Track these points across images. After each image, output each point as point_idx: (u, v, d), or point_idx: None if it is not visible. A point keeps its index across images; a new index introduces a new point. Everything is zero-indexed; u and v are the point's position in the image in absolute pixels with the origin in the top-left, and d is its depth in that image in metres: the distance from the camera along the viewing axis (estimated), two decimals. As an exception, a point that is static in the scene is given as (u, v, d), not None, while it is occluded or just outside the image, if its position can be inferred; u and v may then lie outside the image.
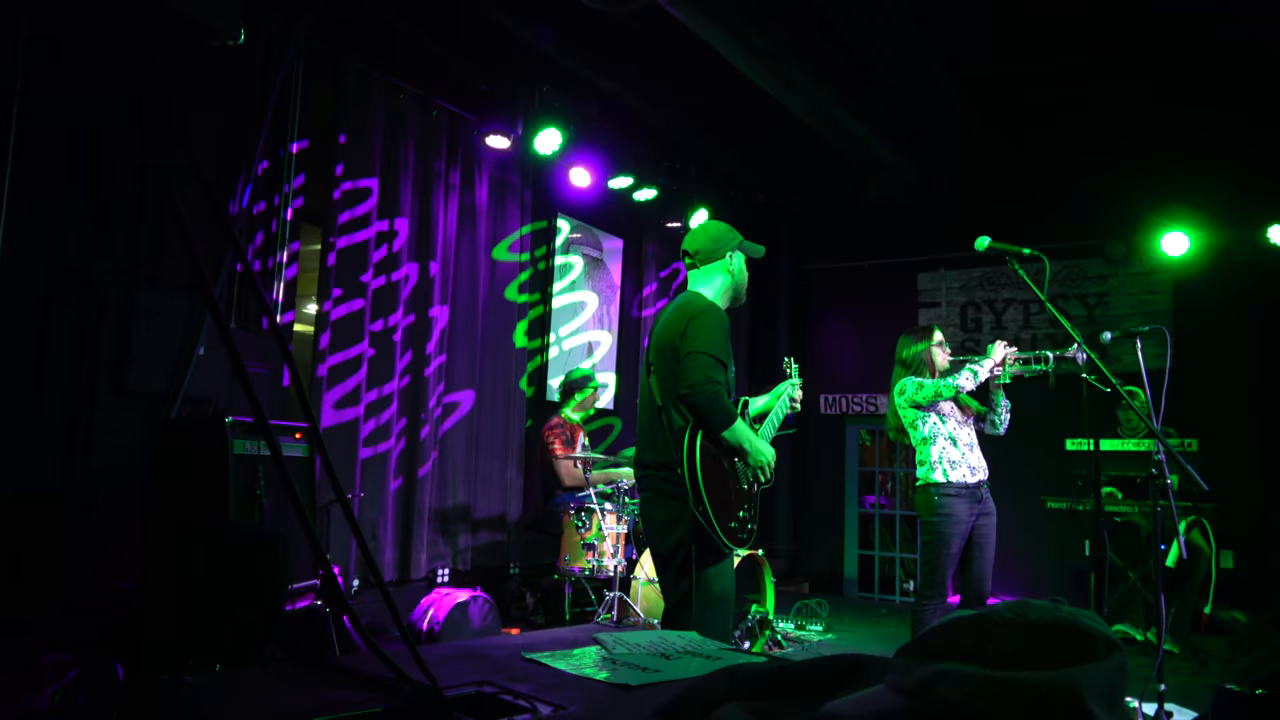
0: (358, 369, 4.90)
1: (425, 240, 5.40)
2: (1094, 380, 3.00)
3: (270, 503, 3.34)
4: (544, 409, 6.34)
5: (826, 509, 8.69)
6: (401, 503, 5.17)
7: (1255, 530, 6.85)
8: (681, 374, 2.81)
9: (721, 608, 2.90)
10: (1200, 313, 7.22)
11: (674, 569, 2.89)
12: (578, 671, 1.39)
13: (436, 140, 5.50)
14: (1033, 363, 3.98)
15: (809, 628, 6.03)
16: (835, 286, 8.87)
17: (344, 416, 4.83)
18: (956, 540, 4.11)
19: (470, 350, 5.66)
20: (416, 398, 5.28)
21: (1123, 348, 7.36)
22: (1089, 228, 7.53)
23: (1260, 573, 6.81)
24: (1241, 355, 6.97)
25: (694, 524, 2.77)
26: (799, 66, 5.51)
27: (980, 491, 4.20)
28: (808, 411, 8.91)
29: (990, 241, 3.25)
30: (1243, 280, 6.90)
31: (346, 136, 4.92)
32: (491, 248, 5.93)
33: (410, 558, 5.13)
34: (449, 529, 5.50)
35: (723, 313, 2.98)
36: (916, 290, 8.48)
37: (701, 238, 3.11)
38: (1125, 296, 7.57)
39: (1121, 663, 0.85)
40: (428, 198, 5.43)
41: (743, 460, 2.90)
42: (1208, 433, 6.68)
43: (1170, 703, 4.30)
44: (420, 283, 5.36)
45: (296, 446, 3.69)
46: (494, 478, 5.81)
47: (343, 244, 4.86)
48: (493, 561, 5.77)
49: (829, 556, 8.55)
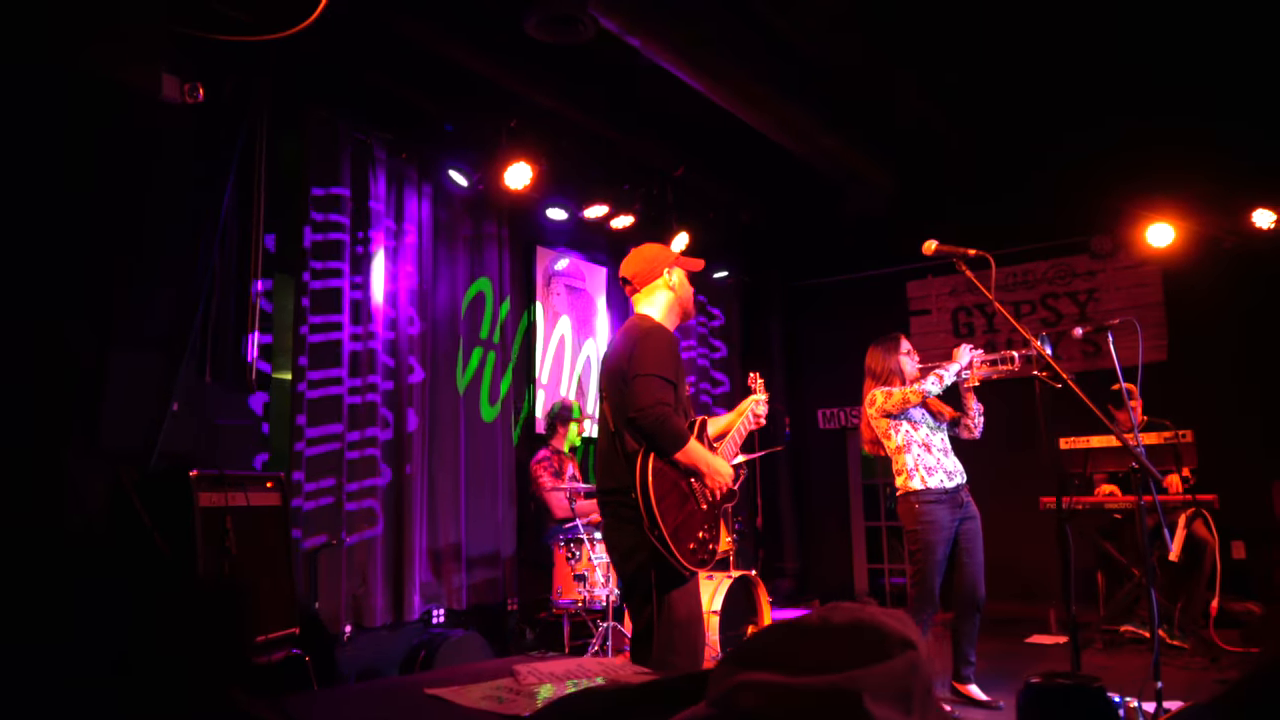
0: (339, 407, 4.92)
1: (403, 288, 5.44)
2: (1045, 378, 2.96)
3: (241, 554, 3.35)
4: (534, 442, 6.34)
5: (833, 524, 8.61)
6: (392, 546, 5.16)
7: (1265, 520, 6.73)
8: (629, 398, 2.81)
9: (687, 631, 2.87)
10: (1192, 302, 7.16)
11: (637, 595, 2.87)
12: (472, 704, 1.38)
13: (406, 183, 5.56)
14: (999, 362, 3.95)
15: (813, 646, 5.94)
16: (827, 301, 8.86)
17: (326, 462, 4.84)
18: (941, 547, 4.10)
19: (452, 389, 5.68)
20: (401, 437, 5.29)
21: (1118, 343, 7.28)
22: (1074, 224, 7.50)
23: (1273, 563, 6.69)
24: (1238, 341, 6.89)
25: (653, 549, 2.76)
26: (761, 85, 5.55)
27: (960, 496, 4.18)
28: (808, 427, 8.88)
29: (937, 245, 3.24)
30: (1233, 266, 6.84)
31: (316, 186, 4.98)
32: (468, 286, 5.96)
33: (403, 600, 5.12)
34: (442, 569, 5.48)
35: (669, 333, 2.98)
36: (907, 299, 8.47)
37: (636, 261, 3.14)
38: (1115, 291, 7.52)
39: (914, 661, 0.84)
40: (400, 241, 5.47)
41: (699, 480, 2.89)
42: (1208, 423, 6.60)
43: (1175, 699, 4.22)
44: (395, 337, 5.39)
45: (270, 494, 3.70)
46: (486, 515, 5.80)
47: (317, 288, 4.91)
48: (490, 599, 5.75)
49: (838, 572, 8.46)
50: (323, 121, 5.04)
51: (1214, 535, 5.59)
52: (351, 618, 4.84)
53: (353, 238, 5.14)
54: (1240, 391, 6.81)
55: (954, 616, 4.27)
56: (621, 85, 5.98)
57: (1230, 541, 6.87)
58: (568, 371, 6.88)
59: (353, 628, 4.81)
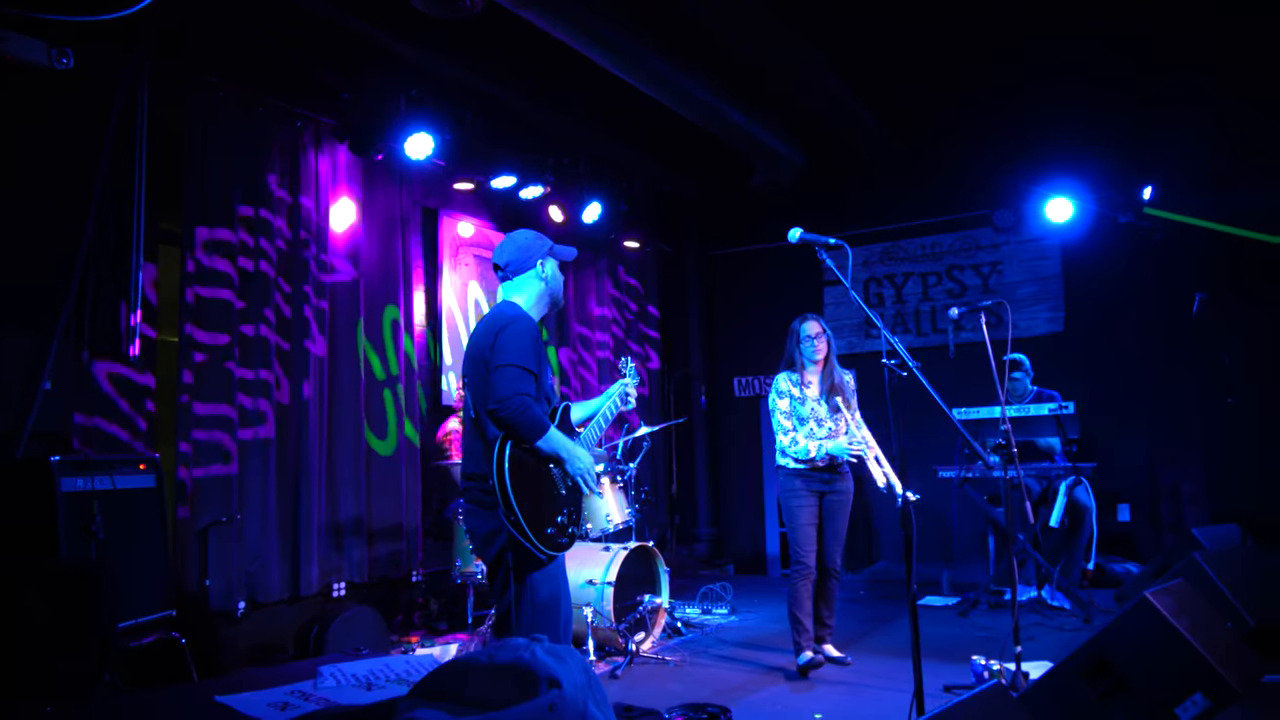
0: (230, 385, 4.85)
1: (297, 257, 5.35)
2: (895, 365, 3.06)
3: (111, 538, 3.31)
4: (440, 414, 6.33)
5: (748, 491, 8.79)
6: (289, 520, 5.14)
7: (1147, 485, 7.07)
8: (489, 387, 2.84)
9: (551, 612, 2.94)
10: (1088, 276, 7.41)
11: (499, 578, 2.93)
12: (254, 712, 1.41)
13: (301, 152, 5.44)
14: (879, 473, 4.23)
15: (714, 611, 6.11)
16: (742, 271, 8.95)
17: (216, 436, 4.79)
18: (801, 514, 4.43)
19: (354, 360, 5.63)
20: (298, 409, 5.24)
21: (1018, 315, 7.52)
22: (979, 198, 7.66)
23: (1154, 526, 7.04)
24: (1128, 315, 7.16)
25: (510, 534, 2.81)
26: (661, 58, 5.53)
27: (825, 475, 4.42)
28: (724, 395, 9.01)
29: (801, 233, 3.30)
30: (1127, 241, 7.07)
31: (203, 155, 4.85)
32: (372, 252, 5.88)
33: (300, 574, 5.11)
34: (343, 541, 5.48)
35: (533, 322, 3.01)
36: (821, 269, 8.59)
37: (510, 249, 3.15)
38: (1017, 264, 7.73)
39: (552, 701, 0.89)
40: (297, 214, 5.38)
41: (560, 467, 2.94)
42: (1101, 391, 6.89)
43: (1043, 659, 4.46)
44: (295, 311, 5.31)
45: (143, 477, 3.66)
46: (390, 487, 5.79)
47: (206, 263, 4.81)
48: (393, 571, 5.77)
49: (751, 537, 8.66)
50: (210, 88, 4.90)
51: (1092, 501, 5.85)
52: (245, 594, 4.83)
53: (242, 215, 5.03)
54: (1132, 361, 7.10)
55: (816, 579, 4.49)
56: (529, 58, 5.90)
57: (1116, 505, 7.21)
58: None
59: (247, 604, 4.80)
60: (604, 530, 5.07)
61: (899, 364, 3.04)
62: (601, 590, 4.81)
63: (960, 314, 4.31)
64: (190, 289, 4.76)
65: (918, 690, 2.82)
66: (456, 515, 5.22)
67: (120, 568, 3.26)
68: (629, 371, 3.49)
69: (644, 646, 5.00)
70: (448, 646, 5.12)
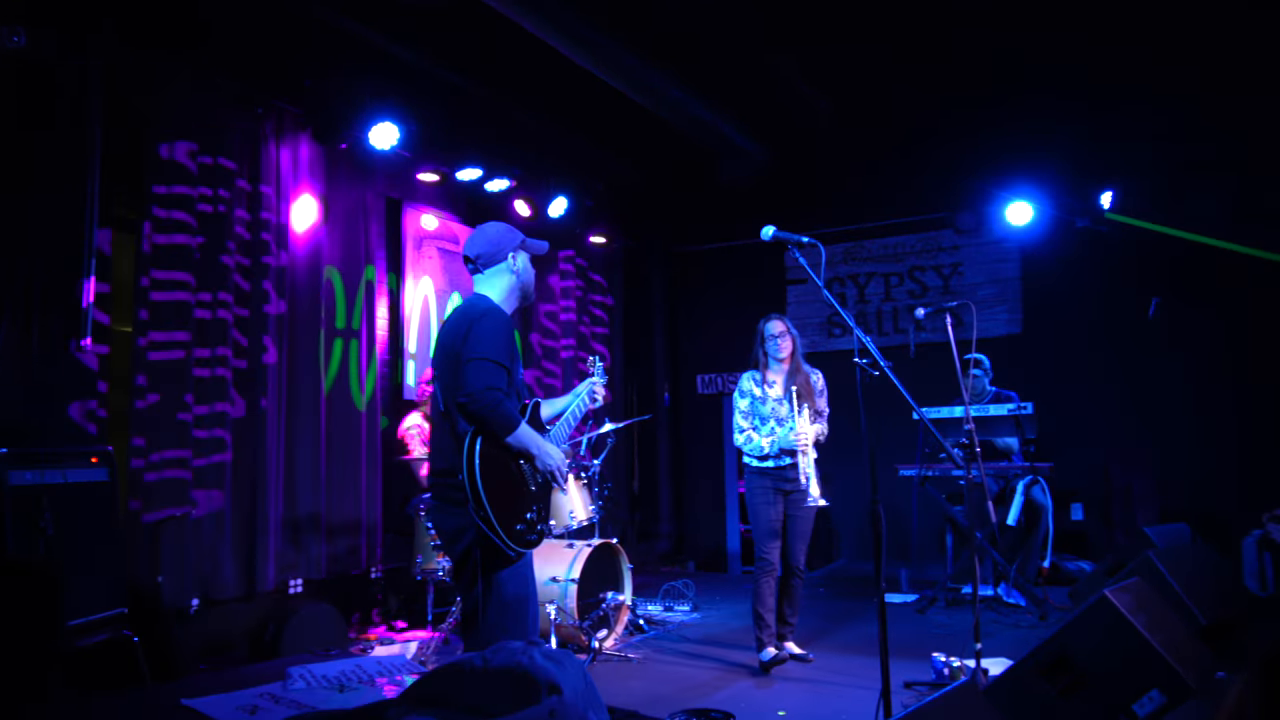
0: (186, 370, 4.73)
1: (258, 244, 5.23)
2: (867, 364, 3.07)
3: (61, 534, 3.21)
4: (402, 409, 6.24)
5: (709, 488, 8.81)
6: (244, 515, 5.03)
7: (1099, 485, 7.21)
8: (460, 380, 2.79)
9: (519, 610, 2.90)
10: (1046, 279, 7.53)
11: (466, 575, 2.89)
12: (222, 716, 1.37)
13: (262, 142, 5.32)
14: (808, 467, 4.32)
15: (676, 608, 6.11)
16: (707, 269, 8.96)
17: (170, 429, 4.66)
18: (767, 510, 4.45)
19: (313, 353, 5.52)
20: (255, 403, 5.13)
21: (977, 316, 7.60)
22: (941, 200, 7.73)
23: (1105, 525, 7.18)
24: (1083, 317, 7.29)
25: (479, 530, 2.77)
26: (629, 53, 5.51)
27: (789, 473, 4.42)
28: (686, 392, 9.02)
29: (774, 230, 3.31)
30: (1083, 245, 7.20)
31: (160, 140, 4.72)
32: (334, 243, 5.78)
33: (256, 570, 5.00)
34: (300, 537, 5.38)
35: (506, 315, 2.97)
36: (784, 267, 8.64)
37: (481, 242, 3.10)
38: (977, 266, 7.84)
39: (552, 708, 0.87)
40: (257, 201, 5.25)
41: (530, 463, 2.91)
42: (1057, 392, 7.00)
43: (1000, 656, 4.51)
44: (254, 290, 5.19)
45: (95, 471, 3.54)
46: (349, 482, 5.70)
47: (162, 251, 4.68)
48: (352, 568, 5.68)
49: (713, 534, 8.68)
50: (168, 72, 4.76)
51: (1049, 500, 5.95)
52: (199, 590, 4.71)
53: (201, 196, 4.90)
54: (1087, 363, 7.23)
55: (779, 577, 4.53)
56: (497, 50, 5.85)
57: (1070, 504, 7.35)
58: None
59: (200, 601, 4.68)
60: (568, 527, 5.04)
61: (870, 363, 3.05)
62: (565, 587, 4.78)
63: (926, 314, 4.35)
64: (145, 277, 4.63)
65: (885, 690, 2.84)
66: (418, 511, 5.15)
67: (70, 564, 3.16)
68: (597, 370, 3.47)
69: (607, 644, 4.98)
70: (408, 644, 5.05)
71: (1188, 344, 6.71)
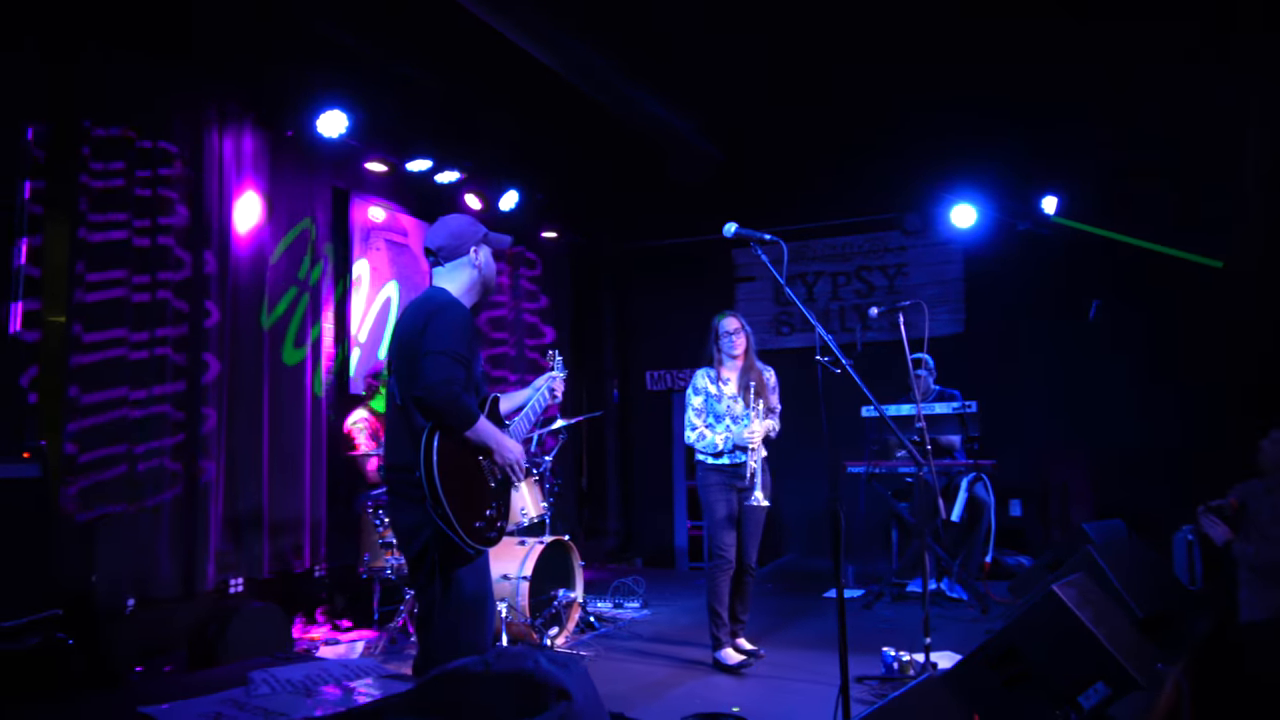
0: (122, 369, 4.55)
1: (199, 232, 5.06)
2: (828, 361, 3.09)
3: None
4: (347, 404, 6.11)
5: (657, 484, 8.81)
6: (183, 513, 4.86)
7: (1037, 482, 7.40)
8: (418, 374, 2.72)
9: (477, 609, 2.85)
10: (988, 279, 7.69)
11: (423, 573, 2.82)
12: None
13: (205, 127, 5.14)
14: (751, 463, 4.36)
15: (626, 605, 6.10)
16: (657, 265, 8.95)
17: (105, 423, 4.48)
18: (721, 507, 4.45)
19: (255, 346, 5.36)
20: (194, 398, 4.96)
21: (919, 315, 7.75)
22: (888, 202, 7.85)
23: (1043, 521, 7.38)
24: (1023, 318, 7.47)
25: (437, 527, 2.70)
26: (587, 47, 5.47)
27: (743, 470, 4.43)
28: (636, 389, 9.00)
29: (737, 227, 3.30)
30: (1025, 248, 7.37)
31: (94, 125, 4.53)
32: (278, 234, 5.62)
33: (195, 571, 4.84)
34: (242, 535, 5.22)
35: (465, 309, 2.91)
36: (734, 265, 8.68)
37: (443, 234, 3.03)
38: (921, 267, 7.98)
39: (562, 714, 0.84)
40: (198, 187, 5.08)
41: (489, 459, 2.86)
42: (997, 391, 7.15)
43: (946, 650, 4.60)
44: (195, 274, 5.02)
45: (27, 466, 3.38)
46: (293, 478, 5.55)
47: (97, 239, 4.49)
48: (296, 566, 5.53)
49: (660, 531, 8.68)
50: (103, 53, 4.57)
51: (991, 497, 6.08)
52: (135, 590, 4.54)
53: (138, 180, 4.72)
54: (1026, 363, 7.40)
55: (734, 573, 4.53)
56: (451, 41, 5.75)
57: (1009, 500, 7.53)
58: (388, 331, 6.64)
59: (136, 601, 4.51)
60: (519, 523, 4.99)
61: (831, 360, 3.07)
62: (517, 585, 4.73)
63: (879, 313, 4.40)
64: (79, 263, 4.44)
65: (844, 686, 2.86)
66: (366, 508, 5.04)
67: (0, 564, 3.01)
68: (556, 365, 3.42)
69: (558, 641, 4.94)
70: (354, 644, 4.94)
71: (1125, 345, 6.91)
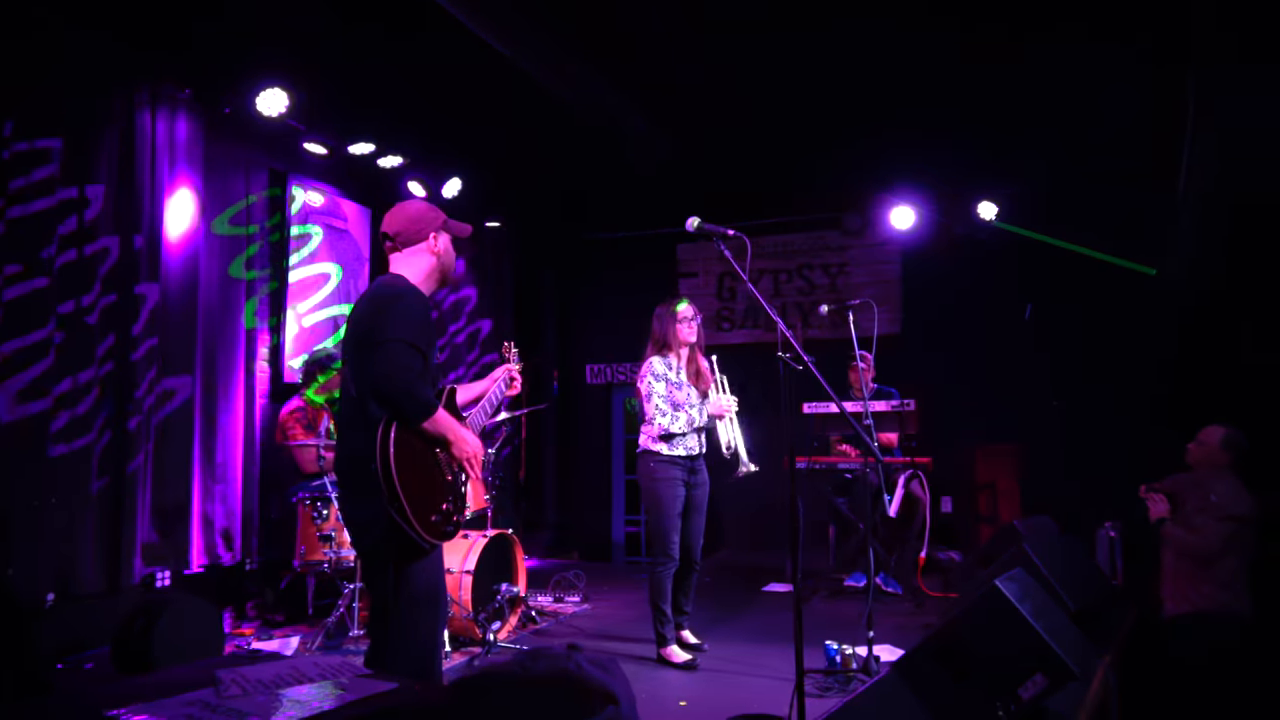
0: (44, 355, 4.33)
1: (128, 210, 4.84)
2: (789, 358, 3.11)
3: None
4: (283, 392, 5.92)
5: (595, 478, 8.78)
6: (108, 503, 4.65)
7: (968, 479, 7.60)
8: (375, 363, 2.64)
9: (430, 605, 2.78)
10: (925, 281, 7.86)
11: (375, 569, 2.75)
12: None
13: (139, 99, 4.92)
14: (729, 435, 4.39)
15: (567, 599, 6.06)
16: (600, 258, 8.92)
17: (28, 411, 4.26)
18: (675, 504, 4.42)
19: (188, 332, 5.16)
20: (123, 385, 4.75)
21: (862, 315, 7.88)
22: (832, 200, 7.97)
23: (973, 517, 7.58)
24: (958, 320, 7.65)
25: (392, 522, 2.63)
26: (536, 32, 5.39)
27: (694, 464, 4.46)
28: (576, 382, 8.95)
29: (700, 222, 3.30)
30: (961, 251, 7.55)
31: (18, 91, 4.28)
32: (213, 218, 5.41)
33: (120, 564, 4.64)
34: (171, 527, 5.02)
35: (424, 297, 2.83)
36: (677, 260, 8.69)
37: (401, 219, 2.94)
38: (862, 266, 8.11)
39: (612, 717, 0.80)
40: (130, 162, 4.86)
41: (446, 451, 2.79)
42: (929, 391, 7.32)
43: (885, 644, 4.68)
44: (123, 257, 4.80)
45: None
46: (222, 470, 5.36)
47: (15, 214, 4.25)
48: (226, 559, 5.35)
49: (597, 524, 8.66)
50: (24, 24, 4.31)
51: (927, 494, 6.21)
52: (55, 584, 4.33)
53: (67, 149, 4.49)
54: (957, 364, 7.59)
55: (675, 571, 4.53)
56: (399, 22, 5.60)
57: (940, 497, 7.71)
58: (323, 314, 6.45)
59: (56, 596, 4.30)
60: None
61: (793, 356, 3.08)
62: (460, 579, 4.65)
63: (829, 311, 4.45)
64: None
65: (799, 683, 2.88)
66: (303, 500, 4.90)
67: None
68: (512, 356, 3.37)
69: (500, 636, 4.88)
70: (288, 639, 4.80)
71: (1056, 347, 7.14)
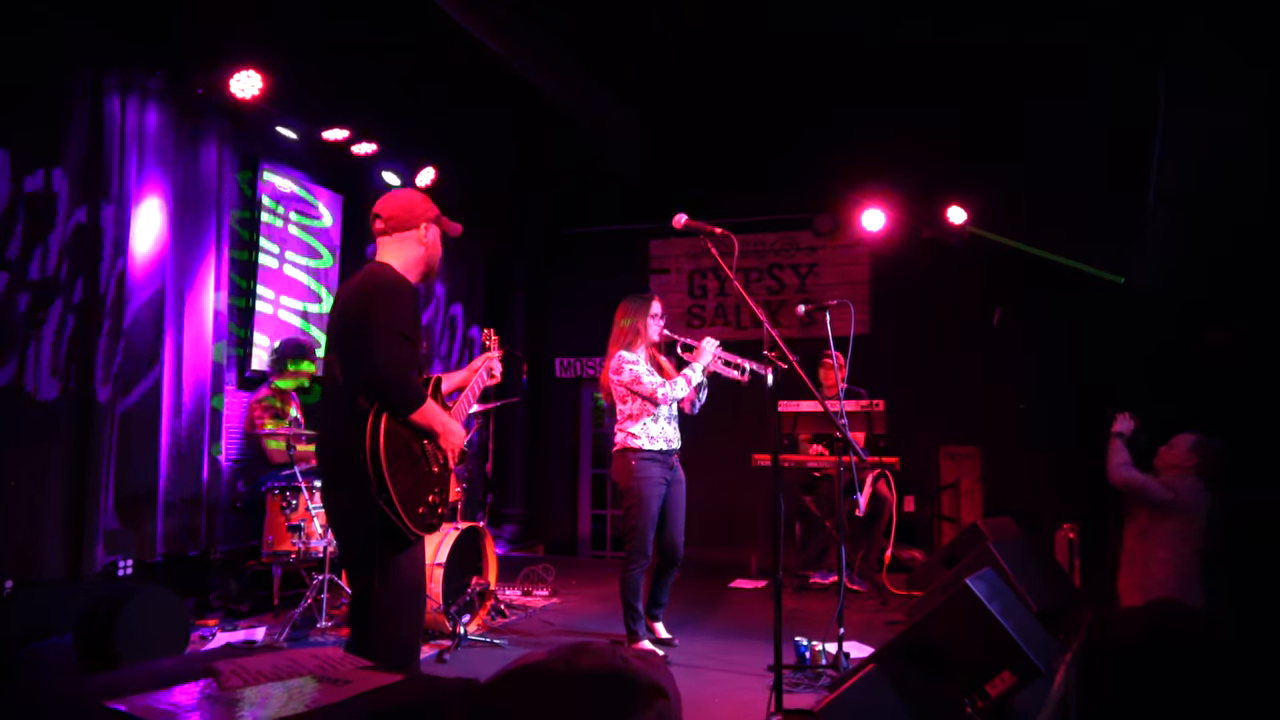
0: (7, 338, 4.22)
1: (95, 189, 4.72)
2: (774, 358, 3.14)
3: None
4: (251, 380, 5.83)
5: (562, 471, 8.77)
6: (71, 489, 4.54)
7: (931, 479, 7.73)
8: (365, 353, 2.62)
9: (413, 597, 2.77)
10: (893, 283, 7.96)
11: (359, 559, 2.73)
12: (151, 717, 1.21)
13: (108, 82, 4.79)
14: (731, 365, 4.26)
15: (536, 593, 6.05)
16: (574, 252, 8.89)
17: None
18: (655, 502, 4.40)
19: (155, 318, 5.06)
20: (87, 369, 4.64)
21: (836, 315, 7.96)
22: (803, 201, 8.02)
23: (936, 516, 7.71)
24: (923, 322, 7.76)
25: (379, 512, 2.61)
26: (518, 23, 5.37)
27: (672, 460, 4.47)
28: (545, 375, 8.93)
29: (686, 219, 3.32)
30: (930, 254, 7.65)
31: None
32: (182, 201, 5.30)
33: (82, 551, 4.54)
34: (134, 514, 4.93)
35: (412, 287, 2.81)
36: (649, 256, 8.71)
37: (393, 203, 2.91)
38: (831, 267, 8.19)
39: (663, 711, 0.81)
40: (98, 144, 4.74)
41: (434, 442, 2.78)
42: (895, 392, 7.42)
43: (853, 640, 4.74)
44: (88, 239, 4.69)
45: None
46: (188, 456, 5.27)
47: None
48: (190, 548, 5.26)
49: (564, 518, 8.66)
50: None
51: (893, 493, 6.31)
52: (14, 570, 4.23)
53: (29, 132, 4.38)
54: (922, 366, 7.69)
55: (654, 566, 4.54)
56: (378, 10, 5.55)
57: (904, 496, 7.82)
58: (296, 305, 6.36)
59: (15, 583, 4.20)
60: (434, 509, 4.87)
61: (778, 356, 3.11)
62: (431, 571, 4.62)
63: (807, 310, 4.49)
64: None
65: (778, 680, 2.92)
66: (272, 490, 4.84)
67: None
68: (492, 344, 3.36)
69: (470, 629, 4.86)
70: (253, 630, 4.73)
71: (1021, 351, 7.26)
